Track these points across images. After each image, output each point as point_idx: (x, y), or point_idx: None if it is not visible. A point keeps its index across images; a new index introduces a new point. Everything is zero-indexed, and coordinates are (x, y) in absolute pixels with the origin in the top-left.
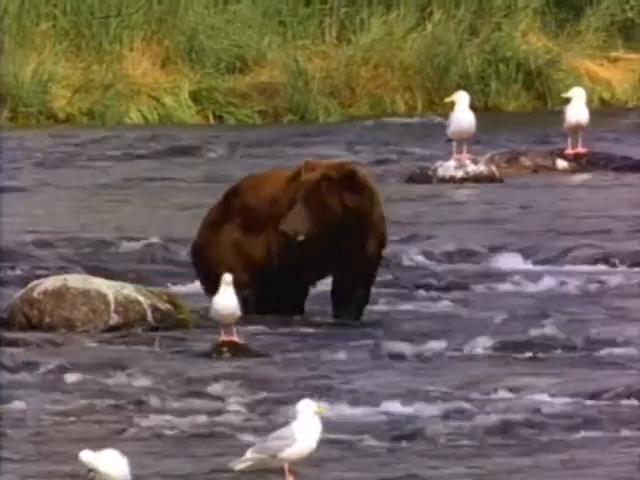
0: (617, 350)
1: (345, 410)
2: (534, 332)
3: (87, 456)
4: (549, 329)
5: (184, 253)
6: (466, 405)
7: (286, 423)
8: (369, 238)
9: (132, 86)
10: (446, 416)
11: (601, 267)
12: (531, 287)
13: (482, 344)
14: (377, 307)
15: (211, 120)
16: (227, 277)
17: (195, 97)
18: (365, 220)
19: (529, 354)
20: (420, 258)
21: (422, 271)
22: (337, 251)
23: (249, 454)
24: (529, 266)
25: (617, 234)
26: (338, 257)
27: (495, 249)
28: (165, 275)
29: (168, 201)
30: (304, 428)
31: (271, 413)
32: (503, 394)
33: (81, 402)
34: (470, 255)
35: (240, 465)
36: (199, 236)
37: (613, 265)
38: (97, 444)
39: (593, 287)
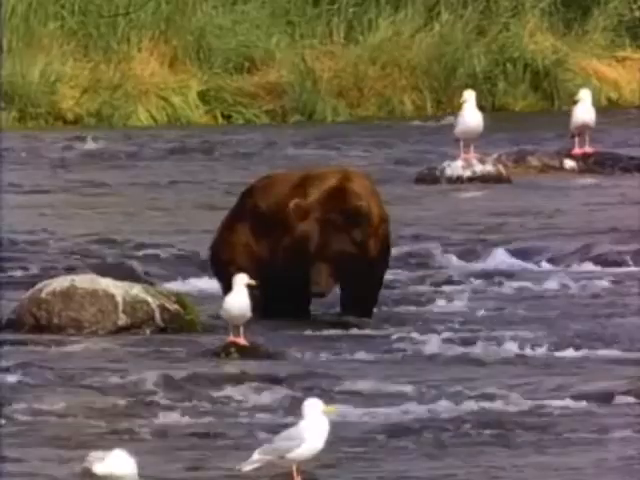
0: (618, 350)
1: (351, 410)
2: (535, 331)
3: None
4: (551, 329)
5: (192, 253)
6: (467, 405)
7: (294, 423)
8: (369, 242)
9: (140, 86)
10: (447, 416)
11: (608, 267)
12: (538, 287)
13: (485, 344)
14: (384, 307)
15: (219, 120)
16: (240, 277)
17: (203, 97)
18: (363, 230)
19: (531, 354)
20: (428, 258)
21: (429, 271)
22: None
23: (256, 455)
24: (536, 266)
25: (624, 234)
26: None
27: (502, 249)
28: (173, 275)
29: (176, 201)
30: (312, 428)
31: (279, 413)
32: (504, 394)
33: (89, 402)
34: (477, 255)
35: (248, 466)
36: (215, 235)
37: (620, 265)
38: (105, 445)
39: (600, 287)
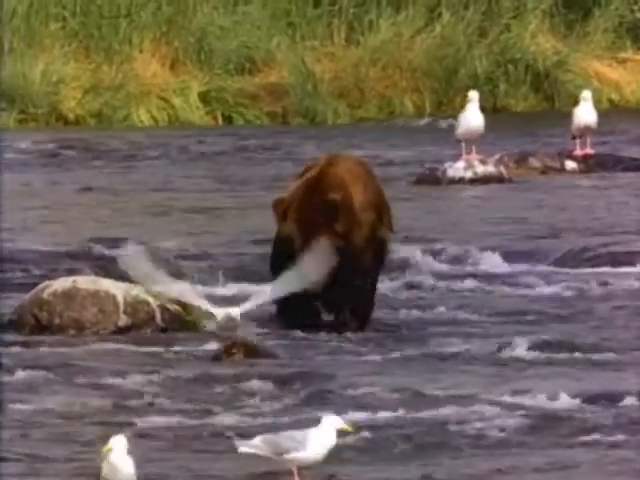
0: (619, 350)
1: (352, 412)
2: (538, 333)
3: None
4: (553, 330)
5: (193, 254)
6: (468, 407)
7: (294, 424)
8: (352, 233)
9: (141, 87)
10: (449, 418)
11: (609, 268)
12: (540, 288)
13: (486, 346)
14: (383, 309)
15: (220, 121)
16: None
17: (204, 98)
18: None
19: (532, 355)
20: (429, 259)
21: (430, 272)
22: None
23: (258, 441)
24: (537, 267)
25: (625, 235)
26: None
27: (504, 250)
28: (174, 276)
29: (177, 202)
30: (318, 438)
31: (280, 414)
32: (505, 395)
33: (90, 402)
34: (478, 256)
35: (245, 448)
36: None
37: (621, 266)
38: (104, 444)
39: (601, 288)
